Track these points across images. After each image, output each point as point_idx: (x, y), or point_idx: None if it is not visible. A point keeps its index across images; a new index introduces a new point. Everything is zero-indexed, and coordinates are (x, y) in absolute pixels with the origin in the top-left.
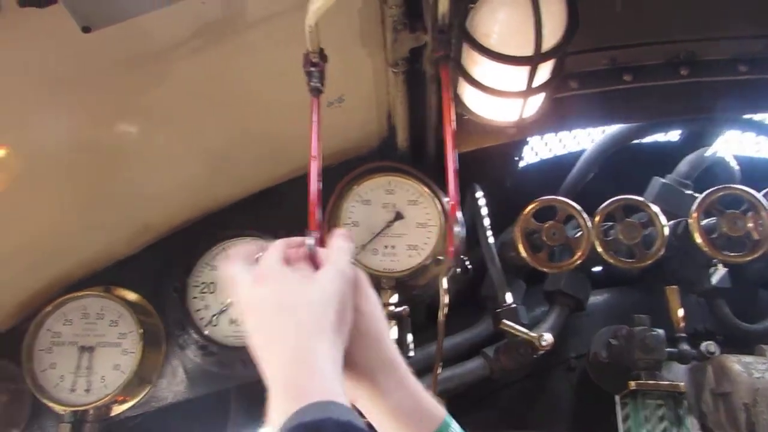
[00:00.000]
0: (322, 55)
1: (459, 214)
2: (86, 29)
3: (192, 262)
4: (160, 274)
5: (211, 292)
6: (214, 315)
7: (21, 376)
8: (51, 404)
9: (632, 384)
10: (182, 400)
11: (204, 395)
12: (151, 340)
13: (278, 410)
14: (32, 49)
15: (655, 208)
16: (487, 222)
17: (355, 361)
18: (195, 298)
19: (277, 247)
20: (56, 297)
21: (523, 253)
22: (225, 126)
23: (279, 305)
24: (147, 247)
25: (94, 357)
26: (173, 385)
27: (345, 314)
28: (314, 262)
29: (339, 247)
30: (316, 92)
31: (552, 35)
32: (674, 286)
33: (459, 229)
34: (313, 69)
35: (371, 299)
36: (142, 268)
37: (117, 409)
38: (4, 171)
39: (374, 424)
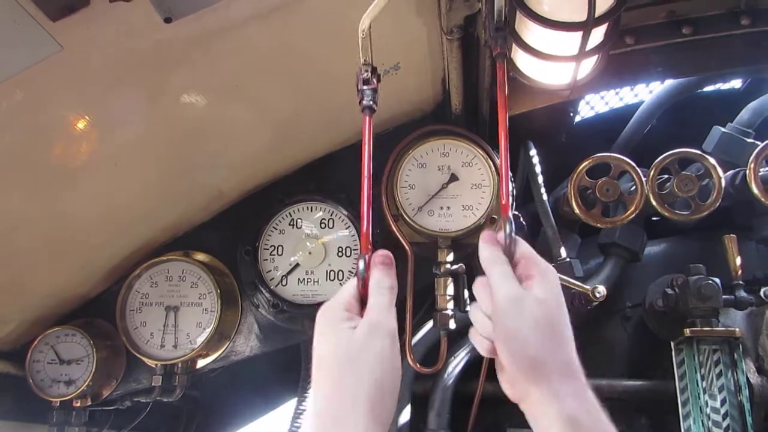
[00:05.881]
0: (374, 71)
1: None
2: (168, 20)
3: (262, 226)
4: (233, 237)
5: (280, 255)
6: (283, 275)
7: (116, 333)
8: (144, 359)
9: (687, 331)
10: (258, 353)
11: (276, 349)
12: (228, 299)
13: None
14: (115, 34)
15: (712, 160)
16: (540, 179)
17: (530, 354)
18: (265, 260)
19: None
20: (142, 261)
21: (577, 210)
22: (291, 95)
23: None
24: (221, 213)
25: (179, 316)
26: (249, 341)
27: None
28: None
29: (378, 287)
30: (370, 111)
31: None
32: (732, 235)
33: (512, 193)
34: (365, 87)
35: (550, 283)
36: (217, 233)
37: (201, 362)
38: (86, 143)
39: None
